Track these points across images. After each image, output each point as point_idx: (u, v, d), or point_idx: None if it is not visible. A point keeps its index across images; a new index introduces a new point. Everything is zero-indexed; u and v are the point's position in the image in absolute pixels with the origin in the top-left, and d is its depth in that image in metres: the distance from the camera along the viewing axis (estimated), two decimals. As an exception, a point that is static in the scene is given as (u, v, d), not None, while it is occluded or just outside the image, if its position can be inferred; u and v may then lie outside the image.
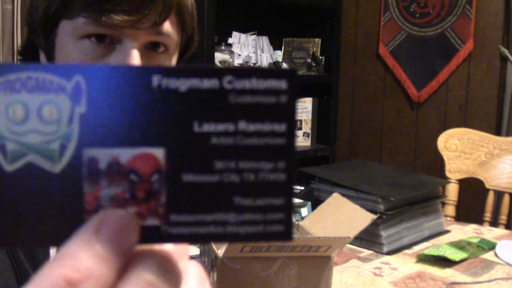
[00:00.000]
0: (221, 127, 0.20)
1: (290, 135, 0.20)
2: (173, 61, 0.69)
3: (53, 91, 0.20)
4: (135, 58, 0.62)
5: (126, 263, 0.20)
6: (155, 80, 0.20)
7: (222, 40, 2.33)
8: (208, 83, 0.20)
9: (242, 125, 0.20)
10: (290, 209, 0.20)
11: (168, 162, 0.20)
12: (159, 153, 0.20)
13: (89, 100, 0.20)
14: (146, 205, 0.20)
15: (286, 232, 0.20)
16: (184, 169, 0.20)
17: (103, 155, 0.20)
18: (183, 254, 0.22)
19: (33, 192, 0.20)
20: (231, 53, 2.34)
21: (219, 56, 2.23)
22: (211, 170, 0.20)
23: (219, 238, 0.21)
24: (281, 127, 0.20)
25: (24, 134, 0.20)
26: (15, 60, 1.71)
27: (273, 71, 0.20)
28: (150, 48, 0.65)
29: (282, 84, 0.20)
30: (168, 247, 0.21)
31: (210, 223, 0.20)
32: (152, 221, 0.20)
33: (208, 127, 0.20)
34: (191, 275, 0.23)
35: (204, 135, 0.20)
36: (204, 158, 0.20)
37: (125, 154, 0.20)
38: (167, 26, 0.64)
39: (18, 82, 0.20)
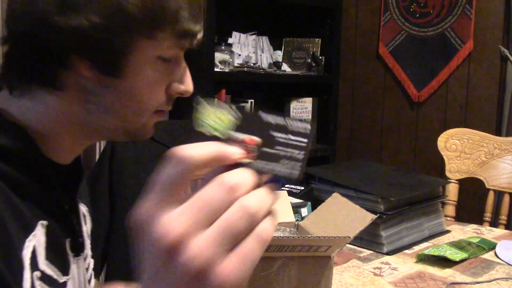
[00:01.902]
0: (282, 137, 0.42)
1: (308, 145, 0.42)
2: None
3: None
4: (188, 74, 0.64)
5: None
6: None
7: (222, 40, 2.33)
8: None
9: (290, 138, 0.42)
10: (303, 167, 0.41)
11: (261, 144, 0.41)
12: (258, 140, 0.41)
13: None
14: (249, 156, 0.40)
15: (299, 175, 0.41)
16: (265, 146, 0.41)
17: (238, 139, 0.41)
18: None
19: None
20: (231, 53, 2.33)
21: (219, 56, 2.22)
22: (275, 148, 0.41)
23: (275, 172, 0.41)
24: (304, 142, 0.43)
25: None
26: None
27: (304, 135, 0.42)
28: None
29: (306, 142, 0.42)
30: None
31: (274, 168, 0.41)
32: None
33: (277, 135, 0.42)
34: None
35: (275, 137, 0.42)
36: (273, 145, 0.41)
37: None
38: None
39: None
